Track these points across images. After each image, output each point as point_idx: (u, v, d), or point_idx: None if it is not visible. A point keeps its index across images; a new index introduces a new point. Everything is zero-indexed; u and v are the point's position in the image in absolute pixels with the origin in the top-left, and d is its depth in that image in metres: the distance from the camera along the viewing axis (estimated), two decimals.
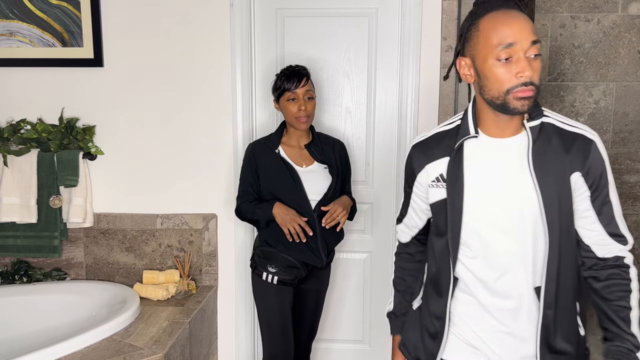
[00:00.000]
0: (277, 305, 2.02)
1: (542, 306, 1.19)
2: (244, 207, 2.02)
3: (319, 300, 2.16)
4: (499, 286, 1.21)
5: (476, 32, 1.14)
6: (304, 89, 1.95)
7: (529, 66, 1.07)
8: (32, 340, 2.15)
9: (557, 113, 1.24)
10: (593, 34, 2.15)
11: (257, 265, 2.04)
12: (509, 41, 1.08)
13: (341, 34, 2.34)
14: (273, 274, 1.98)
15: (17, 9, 2.34)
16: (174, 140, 2.39)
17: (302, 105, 1.94)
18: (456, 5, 2.21)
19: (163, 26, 2.33)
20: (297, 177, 1.97)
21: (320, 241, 1.99)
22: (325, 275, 2.15)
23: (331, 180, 2.01)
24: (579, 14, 2.14)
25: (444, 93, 2.27)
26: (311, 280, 2.07)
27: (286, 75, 1.97)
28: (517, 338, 1.22)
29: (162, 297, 2.26)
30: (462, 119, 1.26)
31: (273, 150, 2.01)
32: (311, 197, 1.98)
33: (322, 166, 2.03)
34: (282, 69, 2.03)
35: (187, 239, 2.42)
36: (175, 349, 1.91)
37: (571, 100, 2.18)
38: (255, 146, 2.06)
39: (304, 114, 1.95)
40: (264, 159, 2.01)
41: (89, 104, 2.39)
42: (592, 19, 2.14)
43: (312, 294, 2.12)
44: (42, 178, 2.34)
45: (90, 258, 2.46)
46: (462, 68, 1.20)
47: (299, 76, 1.95)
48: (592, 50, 2.16)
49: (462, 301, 1.27)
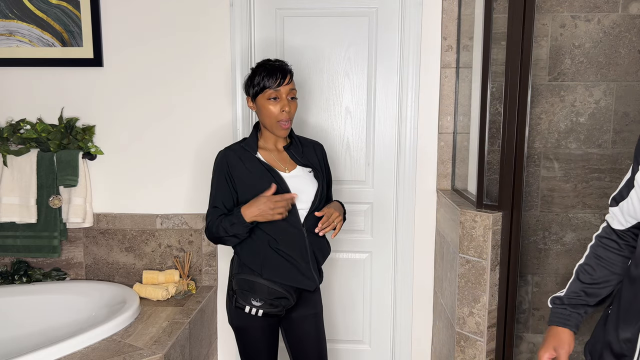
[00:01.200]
0: (264, 343, 1.75)
1: None
2: (213, 226, 1.70)
3: (319, 327, 1.86)
4: None
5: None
6: (288, 87, 1.68)
7: None
8: (32, 340, 2.16)
9: None
10: (593, 34, 2.14)
11: (237, 297, 1.72)
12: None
13: (341, 33, 2.34)
14: (257, 308, 1.69)
15: (17, 8, 2.33)
16: (173, 140, 2.39)
17: (285, 107, 1.68)
18: (456, 5, 2.21)
19: (163, 26, 2.33)
20: (283, 183, 1.70)
21: (311, 259, 1.74)
22: (318, 299, 1.86)
23: (317, 185, 1.77)
24: (579, 13, 2.14)
25: (444, 93, 2.27)
26: (303, 307, 1.80)
27: (267, 71, 1.68)
28: None
29: (162, 297, 2.26)
30: None
31: (252, 154, 1.73)
32: (299, 206, 1.72)
33: (306, 170, 1.79)
34: (259, 62, 1.75)
35: (187, 239, 2.42)
36: (175, 349, 1.91)
37: (571, 100, 2.18)
38: (227, 153, 1.75)
39: (287, 116, 1.69)
40: (241, 166, 1.72)
41: (89, 104, 2.39)
42: (592, 19, 2.14)
43: (310, 320, 1.82)
44: (41, 178, 2.34)
45: (90, 258, 2.46)
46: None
47: (282, 72, 1.68)
48: (593, 50, 2.15)
49: None
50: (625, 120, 2.18)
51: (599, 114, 2.18)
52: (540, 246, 2.26)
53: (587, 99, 2.18)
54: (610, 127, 2.19)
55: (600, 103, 2.18)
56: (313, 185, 1.77)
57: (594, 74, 2.16)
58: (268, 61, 1.74)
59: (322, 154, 1.89)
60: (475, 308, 1.94)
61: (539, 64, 2.17)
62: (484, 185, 1.98)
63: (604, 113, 2.18)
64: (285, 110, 1.69)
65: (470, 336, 1.97)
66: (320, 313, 1.87)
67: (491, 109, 2.17)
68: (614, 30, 2.13)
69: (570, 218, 2.24)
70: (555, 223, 2.24)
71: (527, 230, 2.25)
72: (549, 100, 2.19)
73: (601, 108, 2.18)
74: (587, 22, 2.14)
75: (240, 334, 1.78)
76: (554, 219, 2.24)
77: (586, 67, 2.16)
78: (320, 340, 1.86)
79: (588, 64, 2.16)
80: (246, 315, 1.72)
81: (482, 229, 1.90)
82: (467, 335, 1.98)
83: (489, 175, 2.12)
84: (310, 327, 1.83)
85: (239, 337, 1.79)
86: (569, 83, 2.18)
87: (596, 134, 2.19)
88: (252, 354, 1.78)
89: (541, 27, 2.15)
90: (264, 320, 1.73)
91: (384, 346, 2.52)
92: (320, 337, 1.86)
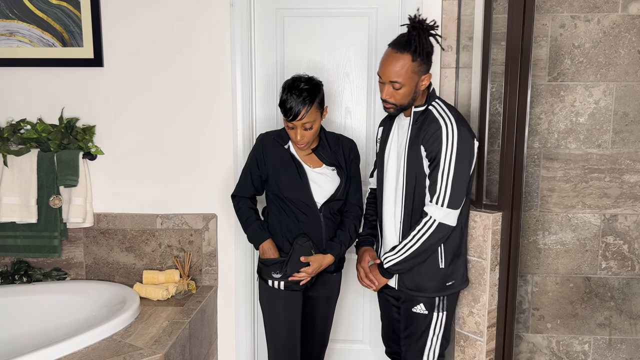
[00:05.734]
0: (284, 314, 1.96)
1: None
2: (244, 210, 2.00)
3: (329, 309, 2.10)
4: None
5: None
6: (301, 122, 1.83)
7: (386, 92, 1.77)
8: (32, 340, 2.16)
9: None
10: (593, 34, 2.14)
11: (261, 271, 1.97)
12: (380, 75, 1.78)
13: (341, 34, 2.34)
14: (279, 280, 1.93)
15: (17, 9, 2.34)
16: (173, 140, 2.40)
17: (298, 135, 1.86)
18: (456, 5, 2.21)
19: (163, 26, 2.33)
20: (304, 176, 1.92)
21: (326, 242, 1.96)
22: (336, 282, 2.08)
23: (339, 182, 1.96)
24: (579, 13, 2.14)
25: (444, 93, 2.27)
26: (321, 287, 2.02)
27: (286, 99, 1.83)
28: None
29: (162, 297, 2.26)
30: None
31: (282, 145, 1.95)
32: (317, 200, 1.93)
33: (330, 168, 1.97)
34: (286, 84, 1.88)
35: (187, 239, 2.42)
36: (175, 349, 1.91)
37: (571, 100, 2.18)
38: (265, 137, 1.99)
39: (300, 142, 1.87)
40: (273, 152, 1.95)
41: (89, 104, 2.39)
42: (592, 19, 2.14)
43: (322, 302, 2.06)
44: (42, 178, 2.34)
45: (90, 258, 2.46)
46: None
47: (297, 106, 1.81)
48: (592, 50, 2.15)
49: None
50: (624, 120, 2.18)
51: (599, 114, 2.18)
52: (540, 246, 2.26)
53: (586, 99, 2.18)
54: (610, 127, 2.19)
55: (599, 103, 2.18)
56: (334, 182, 1.96)
57: (594, 74, 2.17)
58: (292, 86, 1.85)
59: (350, 153, 2.01)
60: (475, 308, 1.94)
61: (538, 64, 2.17)
62: (484, 185, 1.98)
63: (603, 113, 2.18)
64: (298, 138, 1.87)
65: (470, 336, 1.97)
66: (335, 297, 2.11)
67: (491, 109, 2.17)
68: (613, 31, 2.14)
69: (570, 218, 2.24)
70: (555, 223, 2.25)
71: (527, 230, 2.26)
72: (549, 101, 2.19)
73: (601, 108, 2.18)
74: (587, 22, 2.14)
75: (265, 309, 1.99)
76: (554, 219, 2.24)
77: (586, 67, 2.16)
78: (325, 324, 2.11)
79: (588, 64, 2.16)
80: (271, 290, 1.94)
81: (482, 228, 1.90)
82: (467, 335, 1.98)
83: (489, 175, 2.13)
84: (321, 309, 2.06)
85: (265, 315, 2.00)
86: (568, 83, 2.18)
87: (596, 134, 2.19)
88: (274, 330, 1.97)
89: (541, 27, 2.15)
90: (287, 295, 1.94)
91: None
92: (326, 321, 2.11)
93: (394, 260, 1.81)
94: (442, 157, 1.72)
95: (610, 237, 2.24)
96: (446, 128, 1.73)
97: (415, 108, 1.81)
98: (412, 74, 1.73)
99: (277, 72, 2.38)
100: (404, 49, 1.72)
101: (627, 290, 2.27)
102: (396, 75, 1.72)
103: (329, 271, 1.99)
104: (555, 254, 2.26)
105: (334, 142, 2.00)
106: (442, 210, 1.73)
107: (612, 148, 2.20)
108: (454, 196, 1.73)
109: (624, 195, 2.21)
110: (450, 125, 1.73)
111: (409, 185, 1.80)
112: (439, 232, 1.75)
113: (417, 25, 1.73)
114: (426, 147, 1.75)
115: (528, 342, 2.32)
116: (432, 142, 1.73)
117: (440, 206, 1.73)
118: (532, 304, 2.30)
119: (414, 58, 1.71)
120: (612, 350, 2.30)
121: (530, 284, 2.28)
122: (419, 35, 1.71)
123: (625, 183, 2.21)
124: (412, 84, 1.74)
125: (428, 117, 1.79)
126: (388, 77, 1.74)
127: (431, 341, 1.86)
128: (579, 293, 2.28)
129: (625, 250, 2.24)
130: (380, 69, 1.77)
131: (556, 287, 2.28)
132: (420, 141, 1.77)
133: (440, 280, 1.83)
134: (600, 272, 2.26)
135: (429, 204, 1.76)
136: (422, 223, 1.75)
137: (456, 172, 1.72)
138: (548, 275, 2.28)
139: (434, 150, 1.73)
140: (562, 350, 2.31)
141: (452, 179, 1.72)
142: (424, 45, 1.72)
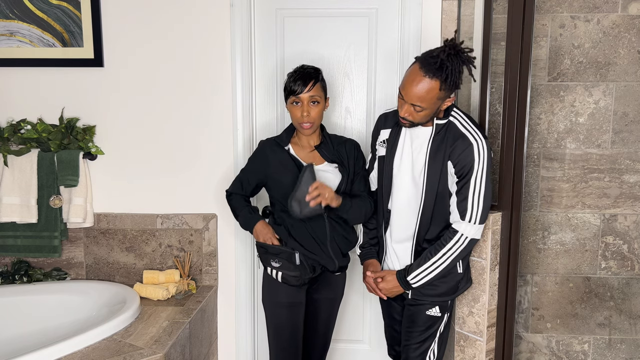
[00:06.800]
0: (288, 317, 1.95)
1: None
2: (237, 201, 2.03)
3: (333, 311, 2.09)
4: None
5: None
6: (308, 94, 1.84)
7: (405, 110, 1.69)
8: (32, 340, 2.16)
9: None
10: (593, 34, 2.15)
11: (261, 257, 1.97)
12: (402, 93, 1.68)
13: (341, 34, 2.34)
14: (277, 269, 1.92)
15: (17, 9, 2.34)
16: (173, 140, 2.40)
17: (304, 111, 1.85)
18: (456, 5, 2.21)
19: (163, 26, 2.33)
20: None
21: (330, 242, 1.94)
22: (340, 283, 2.07)
23: (341, 178, 1.94)
24: (579, 14, 2.14)
25: None
26: (325, 289, 2.02)
27: (293, 77, 1.87)
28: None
29: (162, 297, 2.26)
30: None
31: (282, 147, 1.96)
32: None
33: (332, 165, 1.96)
34: (294, 69, 1.92)
35: (187, 239, 2.42)
36: (175, 349, 1.91)
37: (571, 100, 2.18)
38: (266, 142, 2.01)
39: (306, 119, 1.86)
40: (274, 156, 1.96)
41: (89, 104, 2.39)
42: (592, 19, 2.14)
43: (326, 304, 2.05)
44: (42, 178, 2.34)
45: (90, 258, 2.46)
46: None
47: (304, 80, 1.84)
48: (592, 51, 2.16)
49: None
50: (624, 120, 2.18)
51: (598, 114, 2.19)
52: (540, 246, 2.26)
53: (586, 99, 2.18)
54: (610, 127, 2.19)
55: (599, 103, 2.18)
56: (336, 179, 1.95)
57: (593, 74, 2.17)
58: (299, 68, 1.91)
59: (352, 151, 2.00)
60: (474, 308, 1.94)
61: (538, 64, 2.17)
62: None
63: (603, 113, 2.18)
64: (304, 114, 1.85)
65: (469, 336, 1.98)
66: (339, 299, 2.09)
67: (491, 109, 2.17)
68: (613, 31, 2.14)
69: (570, 218, 2.24)
70: (554, 223, 2.25)
71: (527, 230, 2.26)
72: (549, 101, 2.19)
73: (600, 108, 2.18)
74: (587, 22, 2.14)
75: (267, 304, 1.99)
76: (554, 219, 2.25)
77: (585, 68, 2.17)
78: (328, 325, 2.09)
79: (587, 64, 2.17)
80: (271, 280, 1.95)
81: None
82: (466, 335, 1.99)
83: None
84: (324, 310, 2.05)
85: (267, 310, 2.00)
86: (568, 83, 2.18)
87: (595, 134, 2.20)
88: (277, 328, 1.97)
89: (541, 27, 2.15)
90: (288, 290, 1.93)
91: (384, 346, 2.51)
92: (329, 323, 2.09)
93: (424, 279, 1.78)
94: (473, 175, 1.69)
95: (609, 237, 2.24)
96: (477, 145, 1.69)
97: (438, 120, 1.74)
98: (437, 100, 1.65)
99: (277, 73, 2.38)
100: (433, 74, 1.60)
101: (627, 290, 2.27)
102: (420, 100, 1.64)
103: (332, 271, 1.97)
104: (555, 254, 2.27)
105: (337, 141, 2.01)
106: (474, 227, 1.73)
107: (612, 148, 2.20)
108: (484, 212, 1.72)
109: (624, 195, 2.21)
110: (480, 141, 1.69)
111: (428, 200, 1.76)
112: (469, 247, 1.76)
113: (451, 53, 1.61)
114: (456, 163, 1.70)
115: (528, 342, 2.33)
116: (464, 158, 1.68)
117: (473, 223, 1.72)
118: (531, 304, 2.30)
119: (443, 87, 1.62)
120: (611, 350, 2.31)
121: (530, 283, 2.29)
122: (453, 65, 1.61)
123: (625, 183, 2.21)
124: (434, 107, 1.68)
125: (452, 130, 1.73)
126: (411, 99, 1.65)
127: (435, 341, 1.87)
128: (579, 293, 2.28)
129: (625, 250, 2.25)
130: (404, 87, 1.66)
131: (556, 287, 2.28)
132: (446, 156, 1.72)
133: (455, 284, 1.85)
134: (600, 272, 2.27)
135: (460, 221, 1.73)
136: (454, 241, 1.73)
137: (486, 188, 1.71)
138: (548, 275, 2.28)
139: (466, 168, 1.69)
140: (561, 350, 2.31)
141: (483, 195, 1.70)
142: (456, 77, 1.62)
